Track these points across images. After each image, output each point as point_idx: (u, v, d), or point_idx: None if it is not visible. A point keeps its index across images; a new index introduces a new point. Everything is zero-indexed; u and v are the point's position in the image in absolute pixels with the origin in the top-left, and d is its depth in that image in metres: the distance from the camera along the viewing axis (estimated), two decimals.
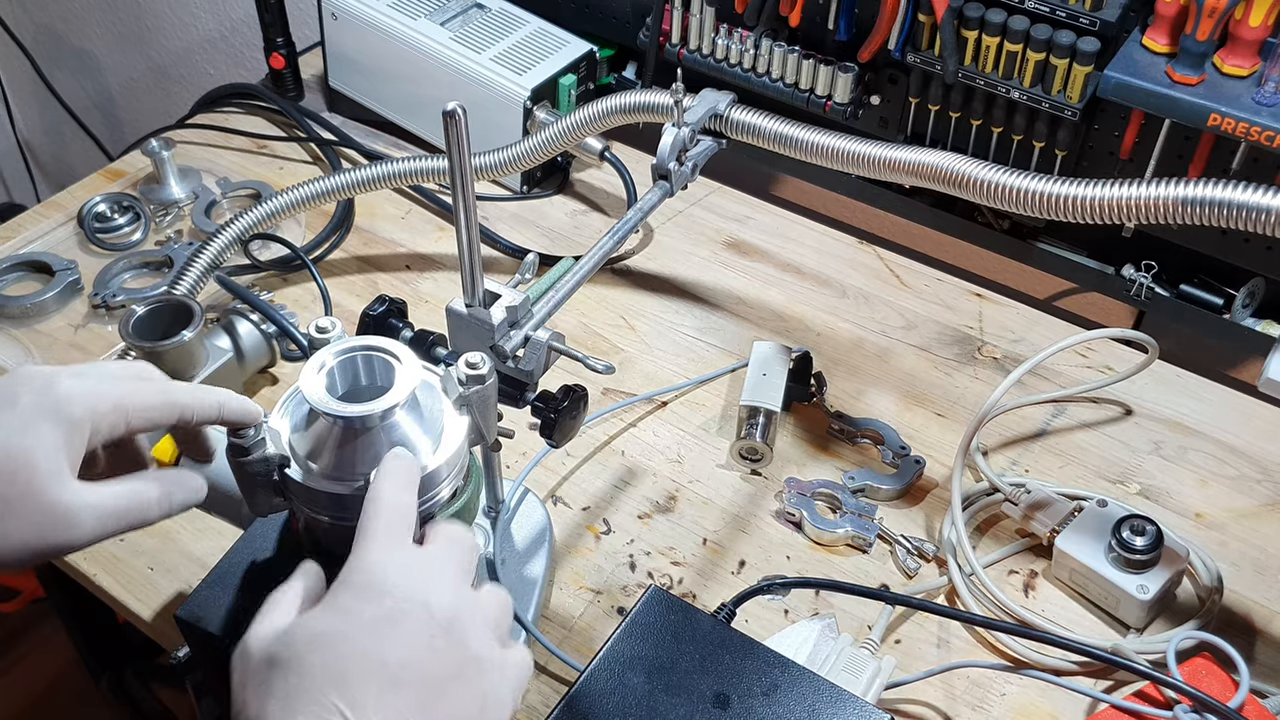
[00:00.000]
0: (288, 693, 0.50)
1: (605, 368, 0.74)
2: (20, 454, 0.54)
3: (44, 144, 2.34)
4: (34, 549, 0.55)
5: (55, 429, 0.56)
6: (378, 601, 0.53)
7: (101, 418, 0.57)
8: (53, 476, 0.55)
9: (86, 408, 0.57)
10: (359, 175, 1.08)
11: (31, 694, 1.72)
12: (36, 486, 0.55)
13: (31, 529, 0.55)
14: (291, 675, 0.51)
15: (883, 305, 1.12)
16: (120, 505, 0.58)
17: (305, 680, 0.50)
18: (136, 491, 0.59)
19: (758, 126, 0.93)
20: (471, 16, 1.25)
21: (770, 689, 0.68)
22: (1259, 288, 1.07)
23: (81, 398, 0.57)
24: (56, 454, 0.55)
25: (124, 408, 0.58)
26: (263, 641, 0.53)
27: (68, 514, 0.55)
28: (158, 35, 1.94)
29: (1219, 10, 0.88)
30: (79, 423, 0.56)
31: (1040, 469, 0.97)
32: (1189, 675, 0.77)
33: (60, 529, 0.55)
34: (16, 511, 0.54)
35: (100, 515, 0.57)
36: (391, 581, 0.53)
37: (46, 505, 0.55)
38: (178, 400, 0.60)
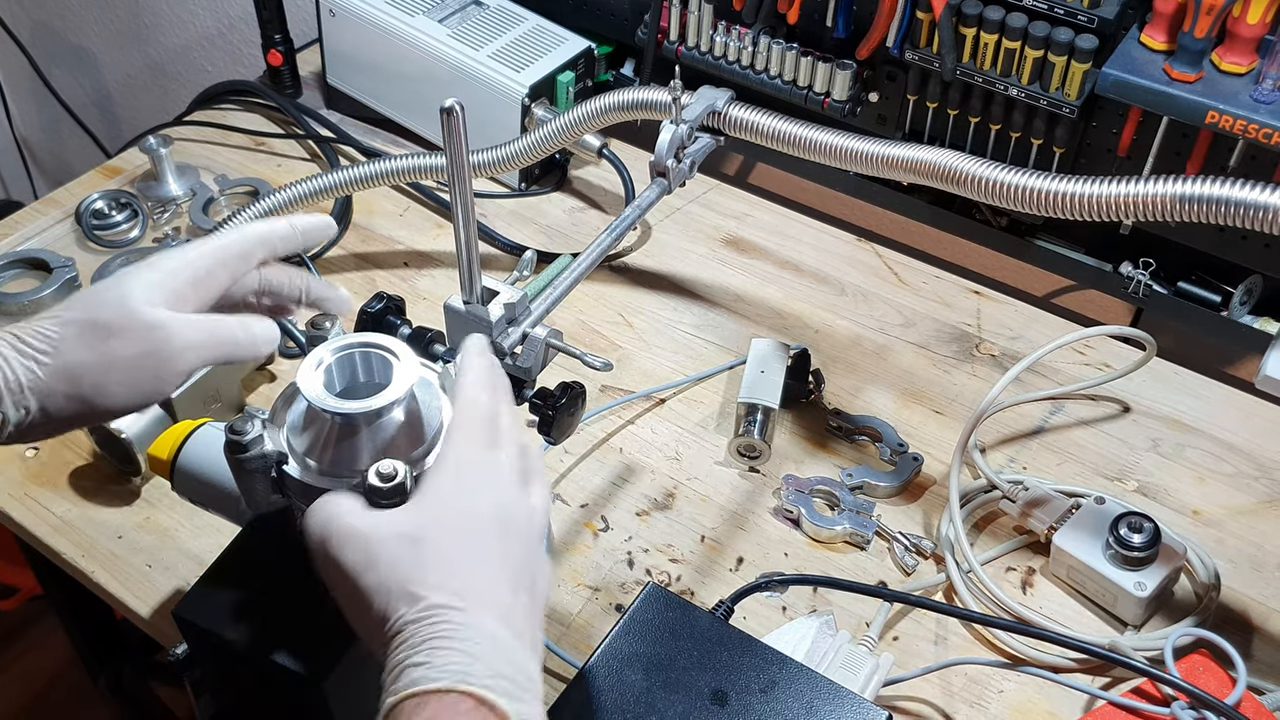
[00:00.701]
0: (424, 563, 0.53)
1: (603, 365, 0.74)
2: (119, 290, 0.61)
3: (41, 141, 2.34)
4: (146, 369, 0.61)
5: (148, 272, 0.63)
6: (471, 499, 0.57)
7: (198, 268, 0.64)
8: (148, 305, 0.61)
9: (182, 259, 0.64)
10: (357, 172, 1.08)
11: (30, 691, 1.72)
12: (135, 308, 0.61)
13: (139, 344, 0.60)
14: (428, 549, 0.54)
15: (881, 303, 1.12)
16: (211, 325, 0.63)
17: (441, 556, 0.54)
18: (221, 320, 0.64)
19: (756, 124, 0.93)
20: (469, 13, 1.25)
21: (768, 686, 0.68)
22: (1256, 285, 1.07)
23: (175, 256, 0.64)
24: (150, 289, 0.62)
25: (215, 255, 0.65)
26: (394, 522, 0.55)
27: (166, 329, 0.61)
28: (155, 32, 1.94)
29: (1217, 7, 0.88)
30: (176, 272, 0.63)
31: (1038, 466, 0.97)
32: (1186, 672, 0.77)
33: (163, 342, 0.61)
34: (118, 335, 0.60)
35: (197, 331, 0.62)
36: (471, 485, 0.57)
37: (146, 322, 0.61)
38: (258, 234, 0.67)
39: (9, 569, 1.70)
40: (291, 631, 0.63)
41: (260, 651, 0.62)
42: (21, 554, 1.09)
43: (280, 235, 0.68)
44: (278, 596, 0.65)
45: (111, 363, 0.60)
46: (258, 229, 0.67)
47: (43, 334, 0.61)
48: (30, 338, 0.60)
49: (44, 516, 0.92)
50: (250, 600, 0.65)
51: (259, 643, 0.62)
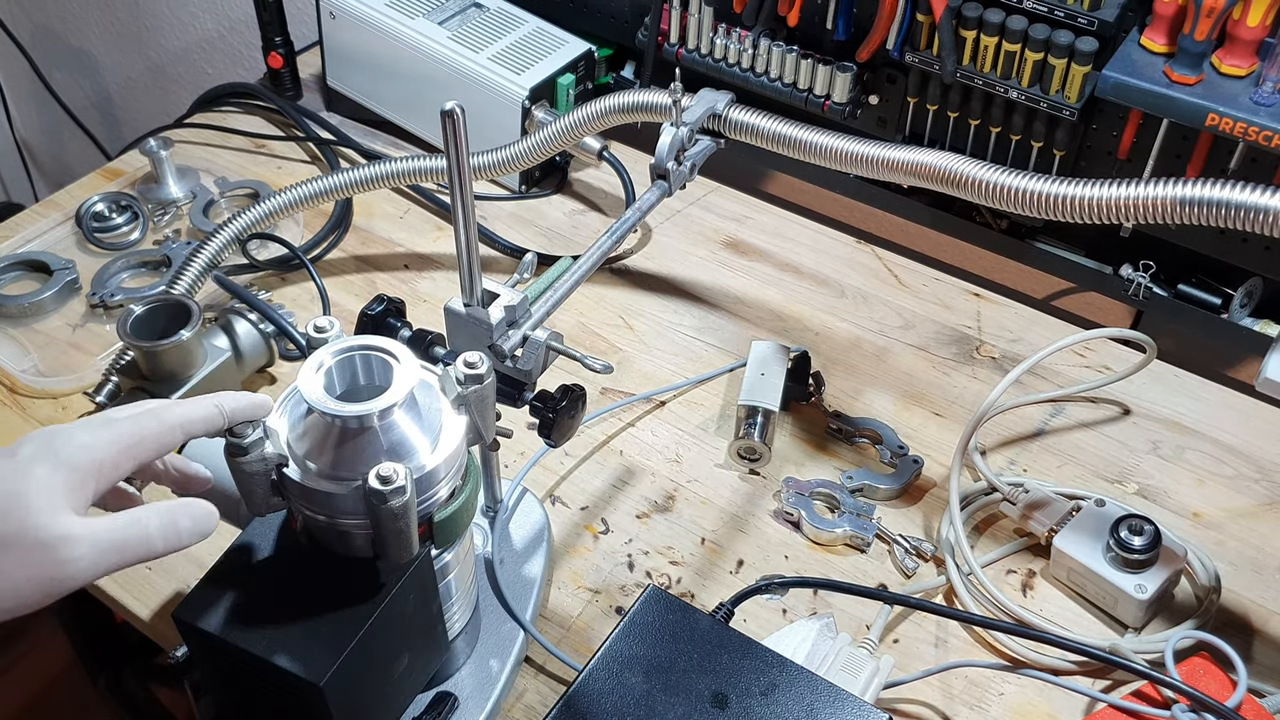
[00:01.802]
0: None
1: (603, 367, 0.74)
2: (14, 495, 0.55)
3: (42, 143, 2.34)
4: (34, 586, 0.55)
5: (53, 472, 0.56)
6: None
7: (104, 460, 0.57)
8: (45, 513, 0.55)
9: (86, 452, 0.57)
10: (357, 175, 1.08)
11: (29, 693, 1.72)
12: (30, 523, 0.55)
13: (29, 566, 0.55)
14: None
15: (881, 305, 1.12)
16: (118, 536, 0.57)
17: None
18: (136, 520, 0.58)
19: (756, 126, 0.93)
20: (470, 16, 1.25)
21: (768, 688, 0.68)
22: (1257, 287, 1.07)
23: (80, 446, 0.57)
24: (51, 492, 0.56)
25: (124, 443, 0.58)
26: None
27: (62, 547, 0.55)
28: (156, 35, 1.94)
29: (1217, 10, 0.88)
30: (78, 466, 0.57)
31: (1038, 468, 0.97)
32: (1187, 675, 0.77)
33: (56, 564, 0.55)
34: (14, 550, 0.55)
35: (98, 547, 0.56)
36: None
37: (40, 540, 0.55)
38: (177, 419, 0.60)
39: None
40: (291, 634, 0.63)
41: (260, 654, 0.62)
42: None
43: (203, 420, 0.62)
44: (278, 599, 0.65)
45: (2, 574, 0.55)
46: (179, 415, 0.61)
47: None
48: None
49: None
50: (250, 603, 0.65)
51: (259, 645, 0.62)
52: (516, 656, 0.81)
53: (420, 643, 0.71)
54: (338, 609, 0.64)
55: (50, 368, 1.04)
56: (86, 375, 1.02)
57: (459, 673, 0.79)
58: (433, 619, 0.71)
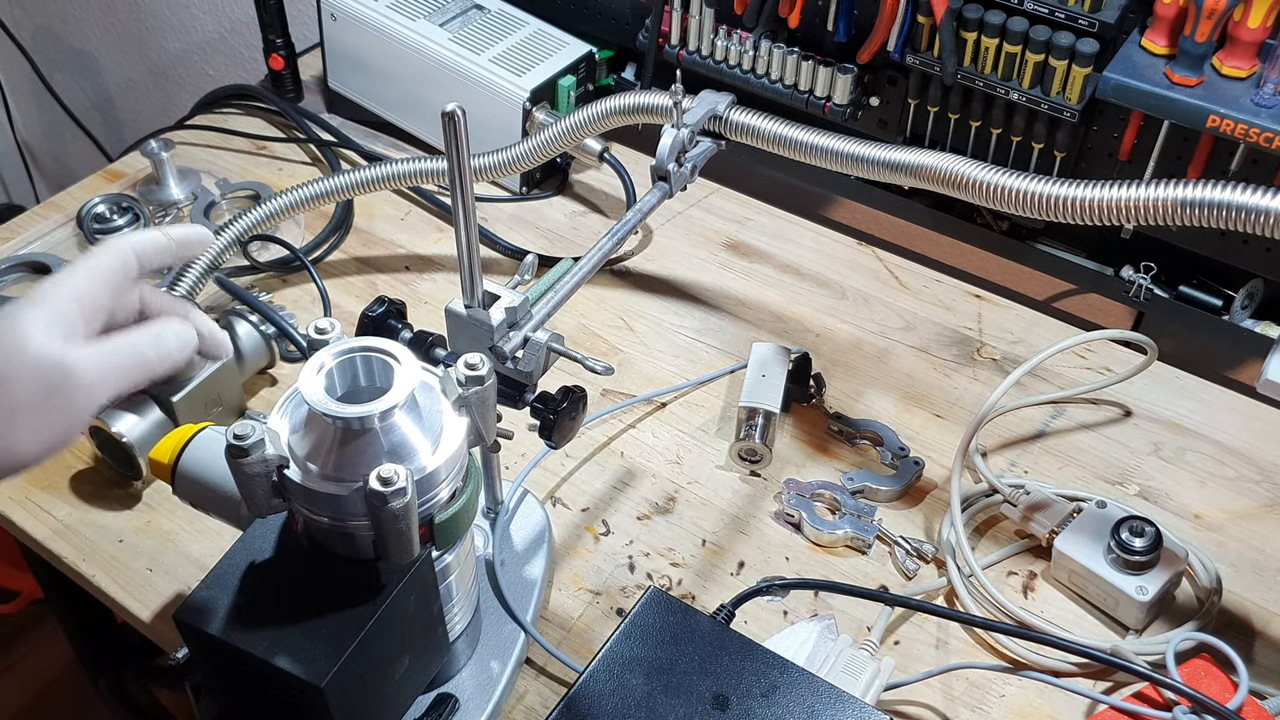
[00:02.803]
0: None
1: (604, 369, 0.74)
2: (7, 334, 0.56)
3: (43, 145, 2.34)
4: (51, 417, 0.56)
5: (34, 308, 0.57)
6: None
7: (77, 286, 0.59)
8: (42, 344, 0.56)
9: (56, 285, 0.59)
10: (358, 176, 1.08)
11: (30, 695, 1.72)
12: (30, 353, 0.56)
13: (40, 395, 0.56)
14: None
15: (882, 306, 1.12)
16: (117, 356, 0.59)
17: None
18: (128, 340, 0.60)
19: (757, 128, 0.93)
20: (471, 18, 1.25)
21: (769, 690, 0.68)
22: (1258, 289, 1.07)
23: (48, 283, 0.59)
24: (40, 325, 0.57)
25: (86, 268, 0.60)
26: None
27: (67, 371, 0.56)
28: (157, 36, 1.94)
29: (1218, 12, 0.88)
30: (55, 297, 0.58)
31: (1039, 470, 0.97)
32: (1188, 676, 0.77)
33: (66, 389, 0.56)
34: (15, 377, 0.55)
35: (102, 367, 0.58)
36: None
37: (44, 367, 0.56)
38: (125, 241, 0.63)
39: (10, 573, 1.71)
40: (292, 635, 0.63)
41: (261, 655, 0.62)
42: (22, 558, 1.09)
43: (153, 244, 0.65)
44: (278, 601, 0.65)
45: (14, 414, 0.56)
46: (128, 240, 0.63)
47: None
48: None
49: (45, 520, 0.92)
50: (251, 604, 0.65)
51: (260, 646, 0.62)
52: (517, 658, 0.81)
53: (421, 644, 0.71)
54: (339, 610, 0.64)
55: None
56: None
57: (460, 674, 0.79)
58: (433, 620, 0.71)
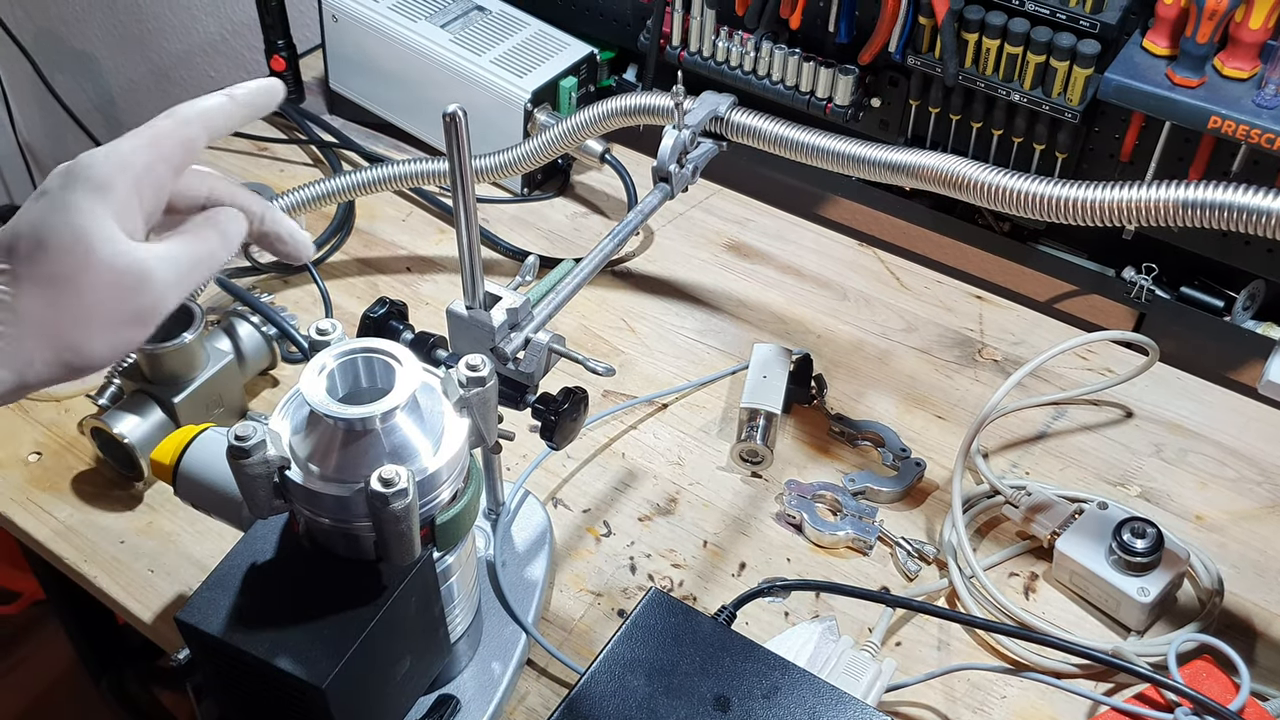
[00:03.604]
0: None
1: (605, 370, 0.74)
2: (66, 229, 0.52)
3: (45, 146, 2.34)
4: (120, 317, 0.53)
5: (94, 197, 0.52)
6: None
7: (137, 168, 0.54)
8: (108, 241, 0.52)
9: (116, 166, 0.54)
10: (359, 177, 1.08)
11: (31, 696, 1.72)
12: (96, 255, 0.52)
13: (109, 297, 0.52)
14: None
15: (883, 307, 1.12)
16: (189, 251, 0.55)
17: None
18: (197, 234, 0.56)
19: (758, 129, 0.93)
20: (472, 19, 1.25)
21: (771, 691, 0.68)
22: (1259, 290, 1.07)
23: (107, 161, 0.54)
24: (103, 219, 0.52)
25: (145, 142, 0.55)
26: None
27: (141, 270, 0.53)
28: (158, 38, 1.94)
29: (1219, 13, 0.88)
30: (115, 184, 0.53)
31: (1041, 471, 0.97)
32: (1190, 678, 0.77)
33: (137, 286, 0.53)
34: (86, 286, 0.52)
35: (173, 262, 0.54)
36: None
37: (114, 268, 0.52)
38: (192, 111, 0.57)
39: (11, 574, 1.71)
40: (293, 636, 0.63)
41: (262, 656, 0.62)
42: (24, 559, 1.09)
43: (220, 112, 0.58)
44: (279, 602, 0.65)
45: (89, 320, 0.52)
46: (193, 109, 0.58)
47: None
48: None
49: (46, 521, 0.92)
50: (252, 605, 0.65)
51: (261, 648, 0.62)
52: (518, 659, 0.81)
53: (422, 645, 0.71)
54: (340, 611, 0.64)
55: None
56: (89, 378, 1.02)
57: (461, 675, 0.79)
58: (435, 622, 0.71)
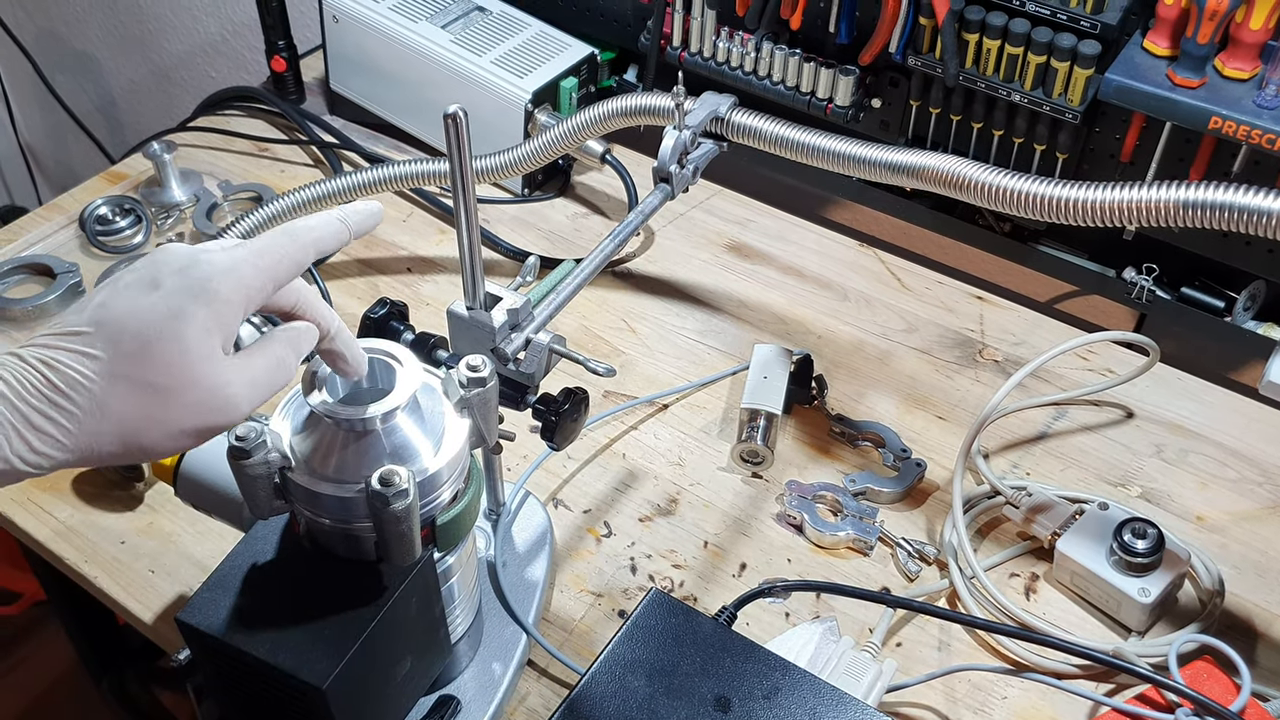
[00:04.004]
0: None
1: (606, 370, 0.74)
2: (174, 339, 0.54)
3: (45, 146, 2.34)
4: (194, 431, 0.56)
5: (208, 310, 0.55)
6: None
7: (251, 288, 0.56)
8: (207, 360, 0.55)
9: (235, 282, 0.56)
10: (360, 178, 1.08)
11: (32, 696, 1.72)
12: (194, 373, 0.54)
13: (193, 415, 0.55)
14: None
15: (884, 308, 1.12)
16: (268, 374, 0.58)
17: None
18: (277, 357, 0.59)
19: (759, 129, 0.93)
20: (472, 19, 1.25)
21: (771, 692, 0.68)
22: (1260, 290, 1.07)
23: (227, 275, 0.56)
24: (209, 336, 0.55)
25: (265, 264, 0.57)
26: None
27: (227, 395, 0.55)
28: (159, 38, 1.94)
29: (1220, 13, 0.88)
30: (230, 300, 0.55)
31: (1041, 472, 0.97)
32: (1190, 678, 0.77)
33: (221, 410, 0.56)
34: (177, 400, 0.54)
35: (255, 387, 0.57)
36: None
37: (206, 390, 0.55)
38: (310, 238, 0.60)
39: (12, 574, 1.71)
40: (294, 637, 0.63)
41: (262, 657, 0.62)
42: (24, 559, 1.09)
43: (334, 236, 0.62)
44: (280, 602, 0.65)
45: (167, 425, 0.54)
46: (311, 233, 0.60)
47: (82, 384, 0.53)
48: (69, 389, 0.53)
49: (47, 522, 0.92)
50: (253, 606, 0.65)
51: (261, 648, 0.62)
52: (519, 660, 0.81)
53: (423, 646, 0.71)
54: (340, 612, 0.64)
55: None
56: None
57: (461, 676, 0.79)
58: (435, 622, 0.71)
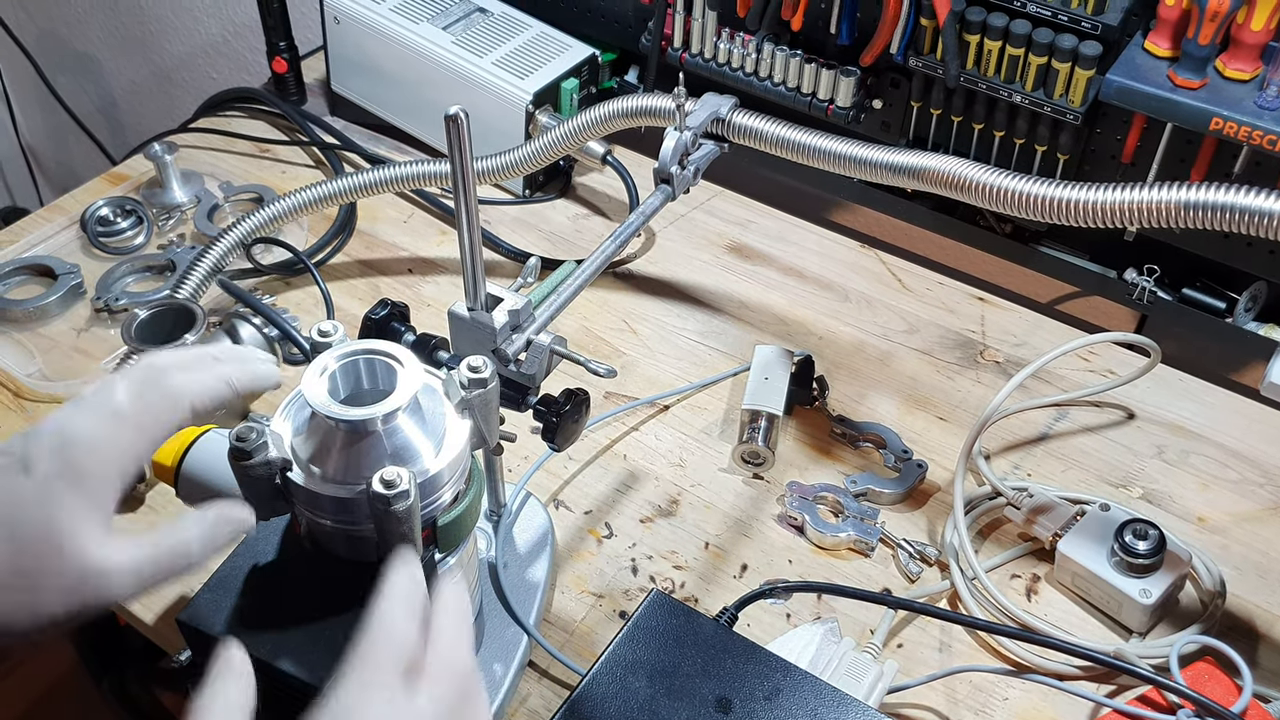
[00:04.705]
0: None
1: (607, 371, 0.74)
2: (43, 526, 0.51)
3: (47, 148, 2.34)
4: (70, 616, 0.52)
5: (78, 492, 0.52)
6: None
7: (124, 463, 0.54)
8: (82, 542, 0.52)
9: (105, 459, 0.53)
10: (361, 179, 1.08)
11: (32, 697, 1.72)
12: (69, 556, 0.51)
13: (64, 598, 0.52)
14: None
15: (885, 309, 1.12)
16: (160, 558, 0.54)
17: None
18: (176, 538, 0.55)
19: (760, 130, 0.93)
20: (473, 20, 1.25)
21: (772, 693, 0.68)
22: (1261, 291, 1.07)
23: (96, 452, 0.53)
24: (83, 518, 0.52)
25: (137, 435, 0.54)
26: None
27: (102, 578, 0.52)
28: (160, 39, 1.94)
29: (1221, 14, 0.88)
30: (105, 478, 0.53)
31: (1042, 473, 0.97)
32: (1192, 679, 0.77)
33: (96, 593, 0.52)
34: (47, 585, 0.51)
35: (139, 573, 0.53)
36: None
37: (78, 574, 0.52)
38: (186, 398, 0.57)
39: None
40: (296, 638, 0.63)
41: (264, 658, 0.62)
42: None
43: (215, 397, 0.58)
44: (281, 603, 0.65)
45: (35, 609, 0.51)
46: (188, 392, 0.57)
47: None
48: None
49: None
50: (254, 607, 0.65)
51: (263, 649, 0.62)
52: (520, 661, 0.81)
53: None
54: (342, 613, 0.64)
55: (55, 372, 1.04)
56: (91, 379, 1.03)
57: None
58: None
